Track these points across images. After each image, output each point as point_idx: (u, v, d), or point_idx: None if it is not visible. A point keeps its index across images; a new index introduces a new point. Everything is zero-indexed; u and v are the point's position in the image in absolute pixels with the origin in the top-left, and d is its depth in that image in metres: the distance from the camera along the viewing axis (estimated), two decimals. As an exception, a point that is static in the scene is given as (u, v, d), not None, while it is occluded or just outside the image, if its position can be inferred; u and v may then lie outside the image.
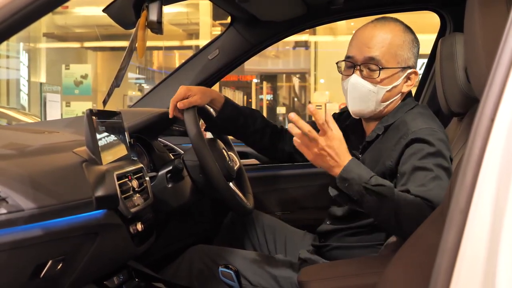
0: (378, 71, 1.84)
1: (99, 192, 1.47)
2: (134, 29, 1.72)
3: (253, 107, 14.61)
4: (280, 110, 15.92)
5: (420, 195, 1.60)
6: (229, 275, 1.80)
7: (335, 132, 1.61)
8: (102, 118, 1.62)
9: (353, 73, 1.88)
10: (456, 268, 0.78)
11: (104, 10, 1.82)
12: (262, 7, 2.37)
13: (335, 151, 1.61)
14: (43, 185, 1.32)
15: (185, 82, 2.60)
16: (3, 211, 1.17)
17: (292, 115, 1.59)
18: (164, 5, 1.71)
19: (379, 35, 1.86)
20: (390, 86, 1.87)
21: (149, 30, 1.77)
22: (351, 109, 1.92)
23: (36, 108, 12.66)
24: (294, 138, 1.62)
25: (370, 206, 1.64)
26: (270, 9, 2.44)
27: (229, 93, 14.51)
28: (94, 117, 1.57)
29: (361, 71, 1.87)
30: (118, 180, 1.56)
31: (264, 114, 13.33)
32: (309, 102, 14.48)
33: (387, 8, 2.64)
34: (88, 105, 9.61)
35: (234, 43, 2.63)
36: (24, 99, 13.31)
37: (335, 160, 1.62)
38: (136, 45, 1.76)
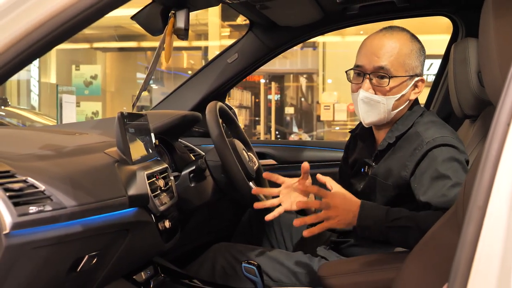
0: (387, 80, 1.88)
1: (132, 191, 1.55)
2: (162, 35, 1.79)
3: (261, 107, 14.64)
4: (288, 110, 15.92)
5: (442, 207, 1.68)
6: (252, 270, 1.85)
7: (334, 188, 1.80)
8: (130, 120, 1.69)
9: (362, 81, 1.92)
10: (474, 262, 0.83)
11: (132, 18, 1.88)
12: (281, 13, 2.44)
13: (343, 207, 1.78)
14: (81, 184, 1.40)
15: (205, 84, 2.68)
16: (48, 208, 1.23)
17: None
18: (191, 12, 1.78)
19: (388, 45, 1.90)
20: (399, 95, 1.91)
21: (175, 36, 1.84)
22: (364, 121, 1.98)
23: (46, 109, 12.72)
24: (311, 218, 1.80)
25: (397, 240, 1.77)
26: (288, 15, 2.51)
27: (237, 93, 14.51)
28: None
29: (370, 79, 1.91)
30: (147, 180, 1.64)
31: (273, 114, 13.17)
32: (317, 103, 14.46)
33: (400, 13, 2.70)
34: (97, 105, 9.65)
35: (253, 47, 2.71)
36: (34, 100, 13.38)
37: (348, 215, 1.78)
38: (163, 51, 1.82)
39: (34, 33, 1.12)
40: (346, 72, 1.99)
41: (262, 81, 15.51)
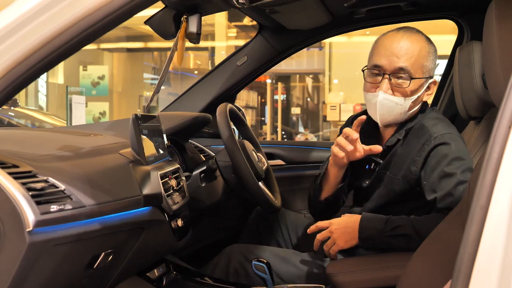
0: (408, 81, 1.90)
1: (146, 191, 1.59)
2: (174, 39, 1.84)
3: (268, 107, 14.63)
4: (295, 110, 15.93)
5: (448, 206, 1.72)
6: (261, 268, 1.89)
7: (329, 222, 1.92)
8: (143, 122, 1.74)
9: (380, 81, 1.92)
10: (477, 259, 0.87)
11: (145, 22, 1.93)
12: (290, 17, 2.49)
13: (343, 225, 1.89)
14: (99, 184, 1.44)
15: (215, 86, 2.74)
16: (69, 207, 1.28)
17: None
18: (203, 16, 1.82)
19: (408, 46, 1.91)
20: (416, 96, 1.93)
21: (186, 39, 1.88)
22: (381, 122, 1.99)
23: (54, 109, 12.77)
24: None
25: (399, 247, 1.82)
26: (296, 19, 2.55)
27: (243, 93, 14.51)
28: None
29: (390, 80, 1.91)
30: (160, 180, 1.68)
31: (279, 114, 13.14)
32: (323, 103, 14.46)
33: (407, 17, 2.73)
34: (104, 106, 9.68)
35: (262, 50, 2.76)
36: (42, 100, 13.43)
37: (348, 231, 1.88)
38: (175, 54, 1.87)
39: (56, 39, 1.17)
40: (362, 70, 1.98)
41: (269, 81, 15.51)
